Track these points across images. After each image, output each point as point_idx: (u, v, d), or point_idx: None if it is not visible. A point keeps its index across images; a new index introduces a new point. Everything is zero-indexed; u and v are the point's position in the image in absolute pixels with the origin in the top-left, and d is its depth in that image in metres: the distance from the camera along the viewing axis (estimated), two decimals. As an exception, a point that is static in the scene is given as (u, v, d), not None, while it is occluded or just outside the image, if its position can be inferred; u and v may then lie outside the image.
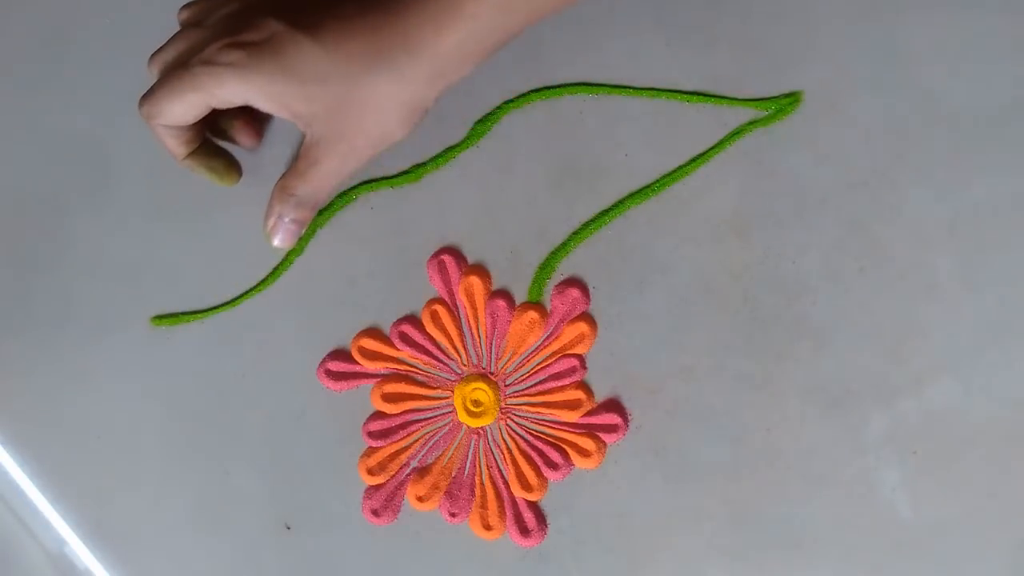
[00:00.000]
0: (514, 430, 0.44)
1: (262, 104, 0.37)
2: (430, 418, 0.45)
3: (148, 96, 0.38)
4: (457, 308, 0.45)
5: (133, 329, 0.46)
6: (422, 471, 0.44)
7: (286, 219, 0.41)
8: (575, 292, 0.44)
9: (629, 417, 0.44)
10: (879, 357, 0.43)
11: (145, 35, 0.47)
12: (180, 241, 0.46)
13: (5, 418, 0.46)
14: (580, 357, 0.44)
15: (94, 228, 0.46)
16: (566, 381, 0.44)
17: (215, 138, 0.44)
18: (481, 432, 0.44)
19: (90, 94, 0.47)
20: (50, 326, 0.46)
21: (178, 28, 0.40)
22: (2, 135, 0.47)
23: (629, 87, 0.45)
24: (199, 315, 0.45)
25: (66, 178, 0.47)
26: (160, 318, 0.46)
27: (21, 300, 0.46)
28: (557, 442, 0.44)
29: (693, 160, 0.45)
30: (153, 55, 0.40)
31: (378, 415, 0.45)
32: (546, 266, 0.45)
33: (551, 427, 0.44)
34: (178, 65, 0.38)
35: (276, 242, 0.41)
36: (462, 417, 0.44)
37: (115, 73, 0.47)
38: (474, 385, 0.44)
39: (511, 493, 0.44)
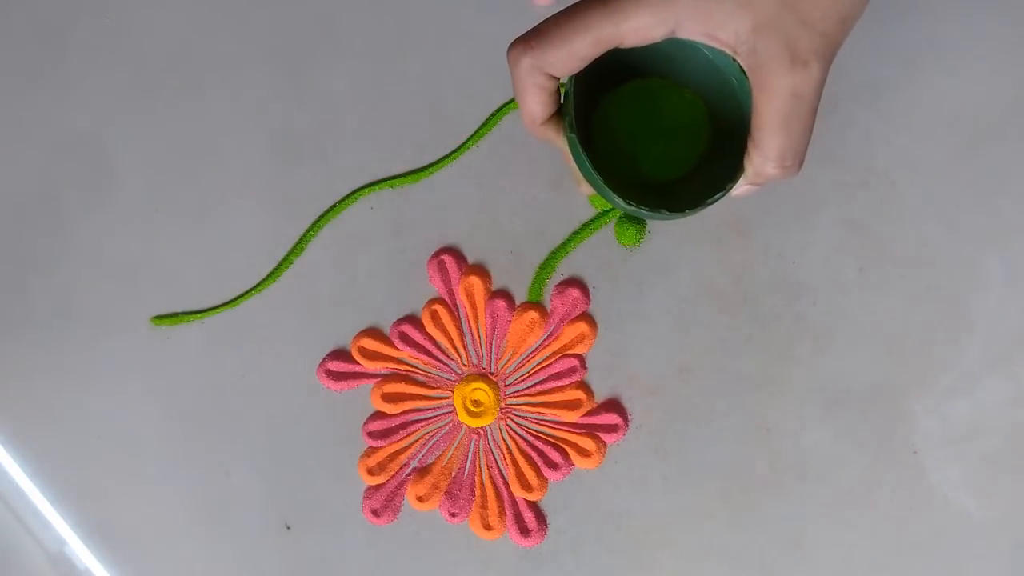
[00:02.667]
0: (514, 430, 0.44)
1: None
2: (430, 418, 0.45)
3: (534, 36, 0.32)
4: (457, 308, 0.45)
5: (133, 329, 0.46)
6: (422, 471, 0.44)
7: None
8: (575, 292, 0.44)
9: (629, 417, 0.44)
10: (879, 357, 0.43)
11: (145, 35, 0.47)
12: (180, 241, 0.46)
13: (5, 418, 0.46)
14: (580, 357, 0.44)
15: (94, 228, 0.46)
16: (566, 381, 0.44)
17: None
18: (481, 432, 0.44)
19: (90, 94, 0.47)
20: (50, 326, 0.46)
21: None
22: (2, 135, 0.47)
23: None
24: (199, 315, 0.45)
25: (66, 178, 0.47)
26: (160, 318, 0.46)
27: (21, 300, 0.46)
28: (557, 442, 0.44)
29: (693, 160, 0.45)
30: None
31: (378, 415, 0.45)
32: (546, 266, 0.45)
33: (551, 427, 0.44)
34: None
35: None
36: (462, 417, 0.44)
37: (115, 73, 0.47)
38: (474, 385, 0.44)
39: (511, 493, 0.44)
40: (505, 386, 0.44)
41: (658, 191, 0.36)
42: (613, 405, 0.44)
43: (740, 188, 0.35)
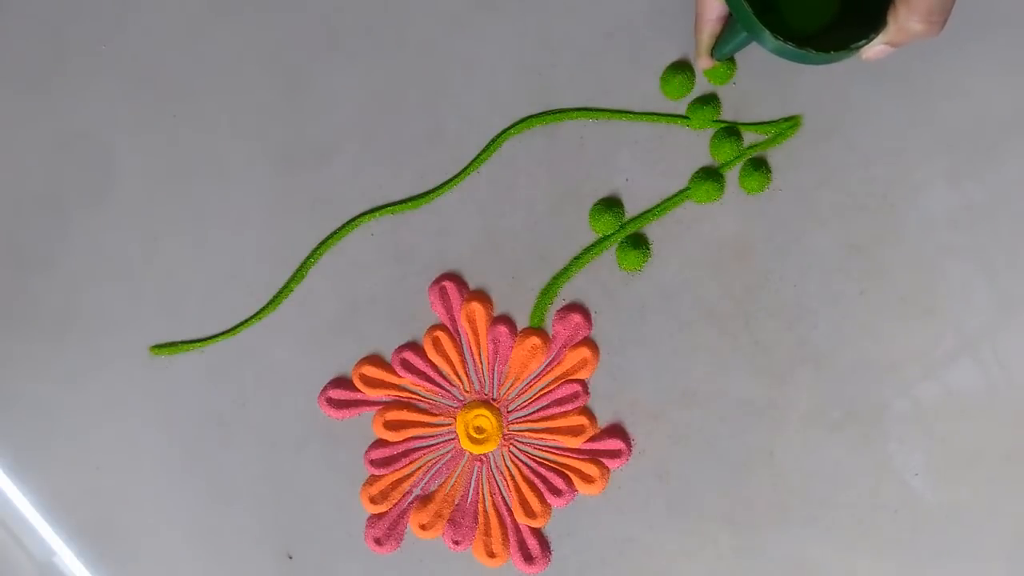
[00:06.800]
0: (517, 456, 0.44)
1: None
2: (432, 445, 0.44)
3: None
4: (459, 334, 0.45)
5: (132, 357, 0.45)
6: (425, 499, 0.44)
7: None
8: (577, 317, 0.44)
9: (632, 442, 0.44)
10: (881, 379, 0.44)
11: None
12: (179, 268, 0.46)
13: (5, 450, 0.45)
14: (582, 382, 0.44)
15: (92, 256, 0.46)
16: (569, 407, 0.44)
17: None
18: (484, 459, 0.44)
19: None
20: (49, 351, 0.45)
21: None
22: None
23: (629, 112, 0.45)
24: (199, 344, 0.45)
25: (66, 203, 0.46)
26: (159, 347, 0.45)
27: (20, 327, 0.46)
28: (560, 468, 0.44)
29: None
30: None
31: (380, 443, 0.44)
32: (548, 291, 0.45)
33: (554, 453, 0.44)
34: None
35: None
36: (464, 444, 0.44)
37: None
38: (476, 412, 0.44)
39: (514, 520, 0.44)
40: (507, 412, 0.44)
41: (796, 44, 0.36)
42: (616, 430, 0.44)
43: (877, 47, 0.35)
